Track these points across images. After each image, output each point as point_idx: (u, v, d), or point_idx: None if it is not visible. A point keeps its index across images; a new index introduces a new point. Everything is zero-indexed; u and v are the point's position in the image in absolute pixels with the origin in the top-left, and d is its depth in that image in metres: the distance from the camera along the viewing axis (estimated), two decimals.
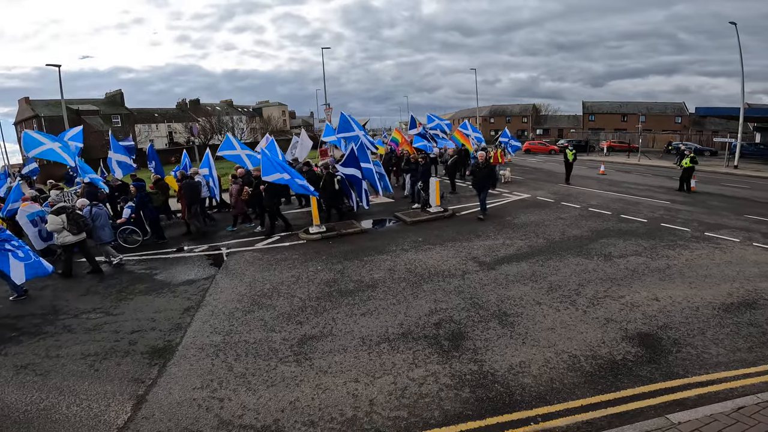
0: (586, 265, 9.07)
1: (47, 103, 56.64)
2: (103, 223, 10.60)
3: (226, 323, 7.18)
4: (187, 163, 16.53)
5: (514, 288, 8.02)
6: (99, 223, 10.49)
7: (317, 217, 12.33)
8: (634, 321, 6.59)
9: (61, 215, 9.78)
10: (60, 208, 9.97)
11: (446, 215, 13.85)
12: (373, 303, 7.65)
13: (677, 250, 9.90)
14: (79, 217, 10.01)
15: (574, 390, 4.99)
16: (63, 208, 10.03)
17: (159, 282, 9.48)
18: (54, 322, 7.73)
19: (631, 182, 21.98)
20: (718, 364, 5.44)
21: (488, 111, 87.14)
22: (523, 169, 27.37)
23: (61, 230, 9.80)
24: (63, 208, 9.98)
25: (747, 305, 7.03)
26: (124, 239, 12.32)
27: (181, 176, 13.65)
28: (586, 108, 79.28)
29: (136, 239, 12.36)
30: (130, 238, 12.37)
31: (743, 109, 30.67)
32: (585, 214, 13.93)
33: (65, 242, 9.93)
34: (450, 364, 5.65)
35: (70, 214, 9.90)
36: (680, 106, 74.68)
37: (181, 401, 5.15)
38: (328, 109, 29.64)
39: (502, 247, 10.49)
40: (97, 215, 10.49)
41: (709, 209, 14.56)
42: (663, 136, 56.58)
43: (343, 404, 4.93)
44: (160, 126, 72.95)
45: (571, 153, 21.38)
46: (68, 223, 9.80)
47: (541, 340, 6.14)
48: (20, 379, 5.89)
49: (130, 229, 12.37)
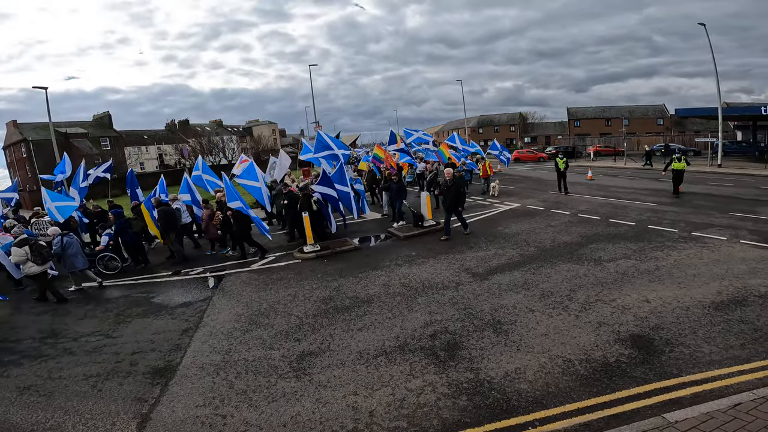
0: (577, 271, 9.23)
1: (35, 126, 56.54)
2: (76, 251, 10.65)
3: (225, 342, 7.23)
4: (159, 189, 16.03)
5: (507, 297, 8.15)
6: (71, 251, 10.52)
7: (311, 236, 12.42)
8: (626, 323, 6.72)
9: (23, 247, 9.85)
10: (22, 240, 10.01)
11: (438, 229, 13.97)
12: (369, 318, 7.74)
13: (665, 251, 10.09)
14: (42, 248, 10.07)
15: (570, 393, 5.09)
16: (25, 239, 10.06)
17: (156, 305, 9.52)
18: (54, 345, 7.81)
19: (618, 186, 22.33)
20: (711, 362, 5.54)
21: (476, 121, 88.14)
22: (512, 178, 27.69)
23: (25, 261, 9.84)
24: (25, 240, 10.02)
25: (737, 302, 7.17)
26: (104, 266, 12.38)
27: (156, 203, 13.36)
28: (571, 114, 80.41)
29: (116, 265, 12.46)
30: (110, 264, 12.46)
31: (721, 109, 31.32)
32: (574, 220, 14.15)
33: (30, 273, 10.01)
34: (447, 373, 5.74)
35: (33, 245, 9.97)
36: (661, 108, 76.08)
37: (185, 419, 5.21)
38: (317, 127, 29.84)
39: (494, 258, 10.64)
40: (68, 244, 10.53)
41: (696, 209, 14.84)
42: (647, 138, 57.37)
43: (344, 417, 5.01)
44: (150, 148, 72.92)
45: (562, 161, 20.51)
46: (32, 254, 9.86)
47: (536, 346, 6.25)
48: (24, 399, 5.97)
49: (109, 255, 12.46)
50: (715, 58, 29.97)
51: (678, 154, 18.75)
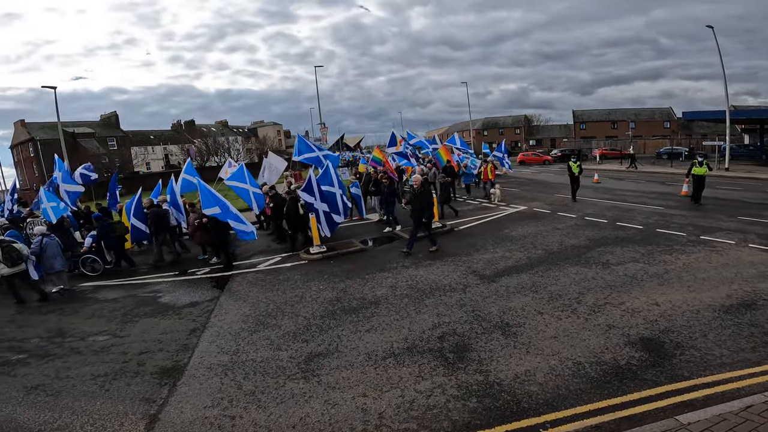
0: (585, 274, 9.19)
1: (42, 125, 57.04)
2: (54, 252, 10.73)
3: (233, 343, 7.23)
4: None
5: (515, 299, 8.12)
6: (49, 253, 10.61)
7: (317, 237, 12.43)
8: (636, 326, 6.69)
9: None
10: None
11: (445, 231, 13.96)
12: (377, 319, 7.72)
13: (674, 255, 10.04)
14: (12, 250, 10.11)
15: (581, 395, 5.07)
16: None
17: (163, 305, 9.55)
18: (61, 344, 7.83)
19: (625, 189, 22.25)
20: (722, 364, 5.52)
21: (481, 124, 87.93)
22: (518, 181, 27.62)
23: None
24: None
25: (747, 306, 7.13)
26: (89, 268, 12.59)
27: (149, 204, 13.35)
28: (577, 117, 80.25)
29: (97, 268, 12.62)
30: (92, 266, 12.64)
31: (728, 112, 31.14)
32: (581, 223, 14.10)
33: (1, 275, 10.10)
34: (456, 375, 5.72)
35: (5, 247, 10.05)
36: (668, 111, 75.75)
37: (193, 420, 5.20)
38: (323, 128, 29.82)
39: (502, 260, 10.61)
40: (47, 245, 10.61)
41: (704, 213, 14.77)
42: (653, 141, 57.19)
43: (353, 418, 4.99)
44: (156, 148, 73.19)
45: (576, 165, 18.69)
46: (2, 255, 9.95)
47: (545, 348, 6.23)
48: (32, 399, 5.96)
49: (92, 258, 12.62)
50: (723, 61, 29.82)
51: (700, 158, 17.40)
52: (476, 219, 15.59)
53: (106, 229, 12.67)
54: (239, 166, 15.30)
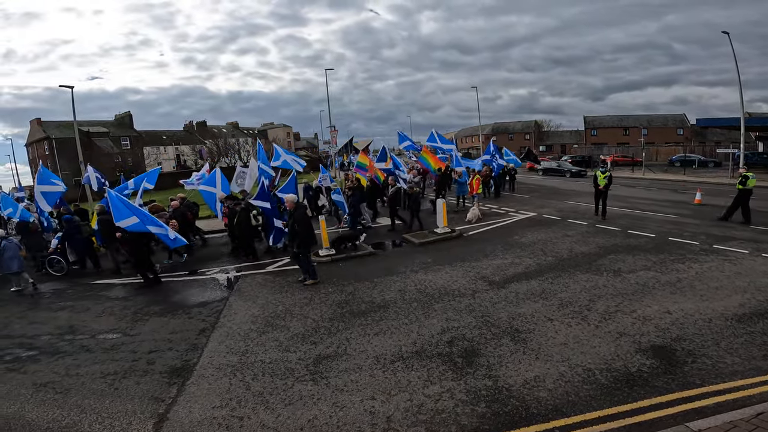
0: (596, 281, 9.12)
1: (58, 124, 57.85)
2: (12, 255, 11.20)
3: (242, 344, 7.26)
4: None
5: (525, 305, 8.08)
6: (7, 255, 11.13)
7: (326, 239, 12.45)
8: (647, 334, 6.63)
9: None
10: None
11: (454, 236, 13.92)
12: (386, 323, 7.72)
13: (687, 264, 9.93)
14: None
15: (591, 402, 5.03)
16: None
17: (173, 304, 9.63)
18: (72, 341, 7.91)
19: (637, 197, 22.07)
20: (734, 372, 5.48)
21: (491, 129, 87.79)
22: (528, 187, 27.46)
23: None
24: None
25: (760, 315, 7.06)
26: (56, 268, 12.93)
27: (100, 210, 12.52)
28: (588, 123, 79.76)
29: (61, 267, 12.93)
30: (56, 266, 12.97)
31: (743, 119, 30.75)
32: (592, 230, 13.99)
33: None
34: (465, 380, 5.70)
35: None
36: (681, 118, 75.10)
37: (201, 420, 5.22)
38: (333, 131, 29.83)
39: (511, 266, 10.56)
40: (5, 248, 11.13)
41: (716, 221, 14.59)
42: (666, 148, 56.67)
43: (361, 421, 4.99)
44: (168, 148, 73.94)
45: (603, 176, 15.70)
46: None
47: (555, 354, 6.19)
48: (41, 396, 6.01)
49: (57, 258, 12.91)
50: (738, 67, 29.41)
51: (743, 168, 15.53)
52: (484, 225, 15.53)
53: (72, 231, 12.77)
54: (214, 171, 15.01)
